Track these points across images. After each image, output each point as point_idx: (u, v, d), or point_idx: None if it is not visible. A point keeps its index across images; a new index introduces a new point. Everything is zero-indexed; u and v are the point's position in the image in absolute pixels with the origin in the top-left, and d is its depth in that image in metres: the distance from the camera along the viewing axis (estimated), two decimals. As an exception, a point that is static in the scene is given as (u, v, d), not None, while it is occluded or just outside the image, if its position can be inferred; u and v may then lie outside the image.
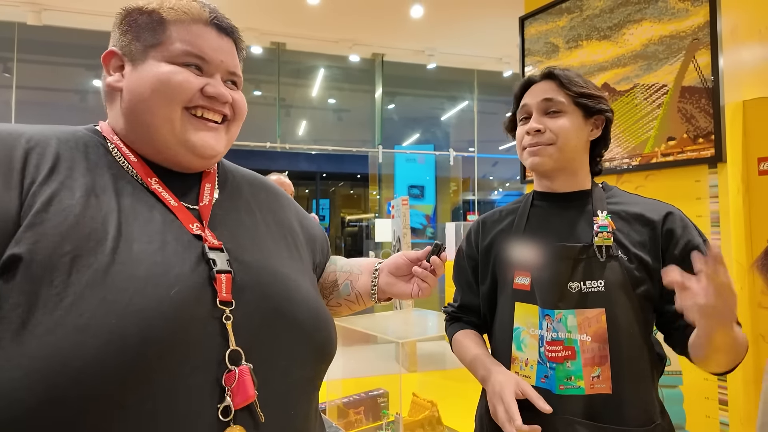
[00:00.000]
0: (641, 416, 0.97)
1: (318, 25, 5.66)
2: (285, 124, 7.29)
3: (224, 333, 0.61)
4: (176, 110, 0.68)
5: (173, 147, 0.69)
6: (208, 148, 0.71)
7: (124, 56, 0.70)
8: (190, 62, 0.69)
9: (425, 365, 4.81)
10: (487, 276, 1.17)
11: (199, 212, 0.71)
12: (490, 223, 1.21)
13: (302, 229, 0.87)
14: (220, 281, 0.63)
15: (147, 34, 0.69)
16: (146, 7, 0.70)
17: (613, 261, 1.01)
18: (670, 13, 1.99)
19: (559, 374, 1.00)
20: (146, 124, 0.68)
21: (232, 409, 0.59)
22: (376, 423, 2.49)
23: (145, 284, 0.56)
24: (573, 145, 1.07)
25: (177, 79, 0.67)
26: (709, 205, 1.86)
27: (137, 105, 0.68)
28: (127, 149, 0.70)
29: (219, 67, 0.72)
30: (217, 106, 0.71)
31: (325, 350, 0.74)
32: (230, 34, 0.74)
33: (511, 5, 3.01)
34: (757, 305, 1.86)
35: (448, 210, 8.22)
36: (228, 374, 0.59)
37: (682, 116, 1.95)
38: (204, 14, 0.71)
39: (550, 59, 2.51)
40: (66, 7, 5.06)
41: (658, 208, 1.06)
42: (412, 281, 0.88)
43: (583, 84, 1.09)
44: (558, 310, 1.01)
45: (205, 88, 0.69)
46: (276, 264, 0.73)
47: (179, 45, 0.68)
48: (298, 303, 0.71)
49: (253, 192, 0.84)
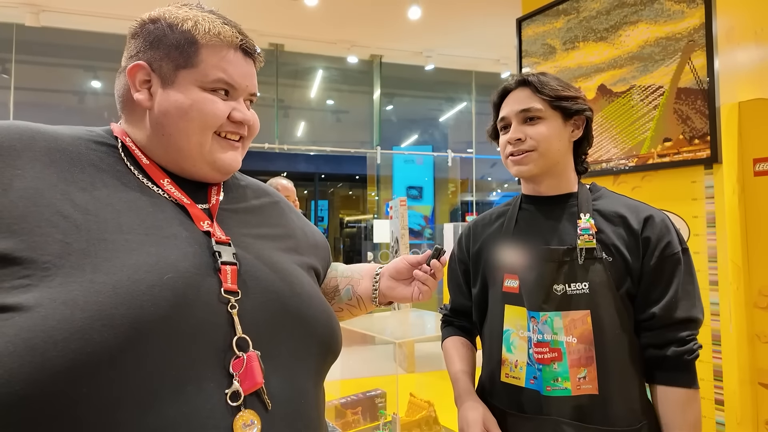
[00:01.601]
0: (627, 416, 0.99)
1: (316, 27, 5.67)
2: (283, 125, 7.30)
3: (231, 321, 0.62)
4: (208, 136, 0.72)
5: (199, 165, 0.73)
6: (232, 166, 0.76)
7: (153, 72, 0.70)
8: (219, 88, 0.71)
9: (423, 366, 4.82)
10: (478, 279, 1.19)
11: (210, 210, 0.73)
12: (481, 227, 1.23)
13: (305, 236, 0.89)
14: (225, 272, 0.65)
15: (177, 53, 0.70)
16: (179, 26, 0.70)
17: (597, 263, 1.02)
18: (666, 14, 2.00)
19: (546, 375, 1.01)
20: (177, 146, 0.71)
21: (242, 394, 0.60)
22: (373, 423, 2.50)
23: (135, 270, 0.57)
24: (556, 149, 1.09)
25: (211, 109, 0.70)
26: (705, 206, 1.87)
27: (169, 128, 0.70)
28: (140, 152, 0.72)
29: (245, 91, 0.75)
30: (241, 129, 0.75)
31: (330, 345, 0.76)
32: (254, 56, 0.76)
33: (509, 7, 3.02)
34: (753, 305, 1.87)
35: (446, 211, 8.23)
36: (236, 360, 0.61)
37: (678, 117, 1.96)
38: (235, 40, 0.72)
39: (547, 61, 2.52)
40: (64, 8, 5.06)
41: (639, 212, 1.06)
42: (413, 285, 0.91)
43: (558, 87, 1.09)
44: (543, 312, 1.03)
45: (233, 113, 0.73)
46: (280, 261, 0.75)
47: (212, 72, 0.70)
48: (303, 298, 0.73)
49: (256, 197, 0.86)
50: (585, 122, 1.13)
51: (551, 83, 1.09)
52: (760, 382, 1.87)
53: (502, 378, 1.08)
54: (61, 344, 0.50)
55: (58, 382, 0.49)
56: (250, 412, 0.60)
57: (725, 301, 1.81)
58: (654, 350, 1.01)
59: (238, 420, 0.58)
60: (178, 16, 0.71)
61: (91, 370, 0.51)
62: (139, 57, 0.71)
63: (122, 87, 0.74)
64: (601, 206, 1.10)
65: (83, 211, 0.60)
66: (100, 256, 0.57)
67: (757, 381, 1.87)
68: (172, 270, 0.60)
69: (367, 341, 5.61)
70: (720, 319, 1.81)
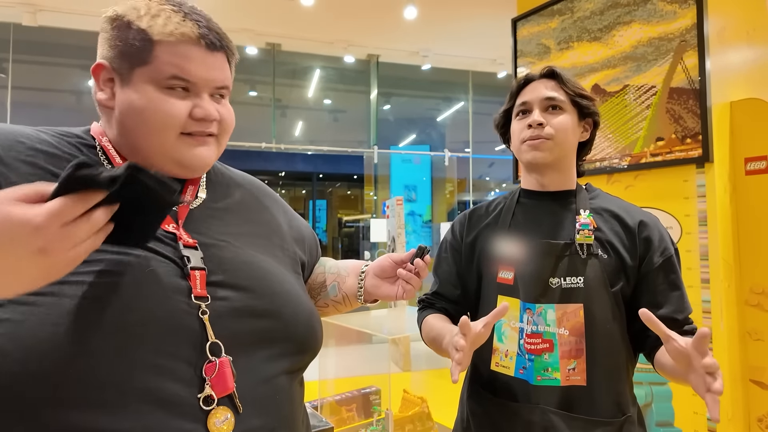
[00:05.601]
0: (613, 408, 1.02)
1: (313, 26, 5.68)
2: (280, 125, 7.30)
3: (203, 326, 0.63)
4: (169, 137, 0.69)
5: (164, 163, 0.71)
6: (203, 162, 0.73)
7: (113, 70, 0.70)
8: (176, 85, 0.69)
9: (419, 364, 4.83)
10: (472, 269, 1.19)
11: (176, 213, 0.72)
12: (476, 218, 1.23)
13: (290, 229, 0.89)
14: (194, 277, 0.65)
15: (134, 51, 0.68)
16: (135, 24, 0.68)
17: (593, 258, 1.05)
18: (658, 15, 2.01)
19: (537, 366, 1.03)
20: (139, 146, 0.70)
21: (215, 398, 0.61)
22: (367, 420, 2.51)
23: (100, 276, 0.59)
24: (570, 142, 1.12)
25: (166, 109, 0.68)
26: (696, 205, 1.89)
27: (129, 128, 0.70)
28: (114, 151, 0.72)
29: (206, 85, 0.71)
30: (206, 126, 0.72)
31: (309, 343, 0.76)
32: (220, 48, 0.72)
33: (504, 7, 3.03)
34: (744, 303, 1.89)
35: (443, 211, 8.25)
36: (208, 365, 0.62)
37: (670, 117, 1.98)
38: (193, 33, 0.69)
39: (542, 60, 2.53)
40: (61, 7, 5.05)
41: (634, 214, 1.10)
42: (397, 283, 0.91)
43: (579, 85, 1.14)
44: (539, 304, 1.05)
45: (194, 111, 0.70)
46: (258, 261, 0.75)
47: (166, 68, 0.68)
48: (281, 297, 0.73)
49: (240, 192, 0.85)
50: (592, 127, 1.17)
51: (573, 80, 1.14)
52: (751, 380, 1.89)
53: (492, 366, 1.10)
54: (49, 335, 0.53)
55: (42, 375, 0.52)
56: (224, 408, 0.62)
57: (717, 299, 1.82)
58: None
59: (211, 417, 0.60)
60: (136, 11, 0.69)
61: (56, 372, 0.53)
62: (102, 55, 0.71)
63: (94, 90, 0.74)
64: (598, 205, 1.13)
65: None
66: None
67: (749, 378, 1.89)
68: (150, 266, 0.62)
69: (363, 340, 5.62)
70: (711, 316, 1.83)
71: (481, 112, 7.98)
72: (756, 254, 1.87)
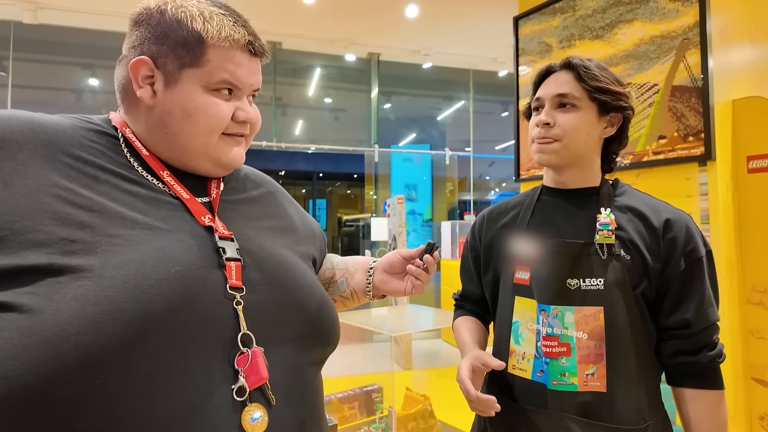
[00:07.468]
0: (633, 416, 0.97)
1: (314, 25, 5.67)
2: (281, 124, 7.30)
3: (236, 317, 0.63)
4: (213, 138, 0.71)
5: (203, 162, 0.73)
6: (237, 162, 0.76)
7: (156, 68, 0.69)
8: (223, 87, 0.71)
9: (420, 363, 4.84)
10: (489, 269, 1.18)
11: (210, 204, 0.74)
12: (495, 216, 1.21)
13: (302, 225, 0.90)
14: (230, 268, 0.65)
15: (184, 52, 0.68)
16: (188, 23, 0.68)
17: (615, 260, 0.99)
18: (660, 13, 2.01)
19: (553, 369, 1.00)
20: (181, 145, 0.71)
21: (247, 389, 0.61)
22: (370, 417, 2.52)
23: (141, 265, 0.58)
24: (582, 143, 1.05)
25: (215, 112, 0.70)
26: (699, 203, 1.89)
27: (173, 127, 0.70)
28: (140, 144, 0.72)
29: (248, 89, 0.75)
30: (244, 129, 0.76)
31: (331, 336, 0.77)
32: (261, 54, 0.75)
33: (506, 5, 3.03)
34: (746, 301, 1.89)
35: (444, 210, 8.24)
36: (240, 356, 0.62)
37: (672, 115, 1.98)
38: (242, 40, 0.71)
39: (543, 59, 2.53)
40: (62, 5, 5.05)
41: (661, 213, 1.03)
42: (406, 279, 0.92)
43: (602, 78, 1.05)
44: (554, 305, 1.01)
45: (236, 113, 0.73)
46: (280, 253, 0.76)
47: (218, 73, 0.69)
48: (304, 290, 0.74)
49: (254, 187, 0.86)
50: (621, 121, 1.09)
51: (596, 72, 1.04)
52: (753, 378, 1.89)
53: (509, 369, 1.08)
54: (74, 338, 0.51)
55: (71, 374, 0.51)
56: (256, 405, 0.61)
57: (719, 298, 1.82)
58: (686, 357, 0.99)
59: (245, 414, 0.60)
60: (187, 10, 0.69)
61: (104, 361, 0.52)
62: (143, 50, 0.69)
63: (123, 77, 0.72)
64: (623, 203, 1.06)
65: (86, 208, 0.60)
66: (106, 251, 0.57)
67: (750, 376, 1.89)
68: (178, 264, 0.61)
69: (365, 339, 5.62)
70: (713, 314, 1.83)
71: (482, 111, 7.97)
72: (758, 252, 1.87)
